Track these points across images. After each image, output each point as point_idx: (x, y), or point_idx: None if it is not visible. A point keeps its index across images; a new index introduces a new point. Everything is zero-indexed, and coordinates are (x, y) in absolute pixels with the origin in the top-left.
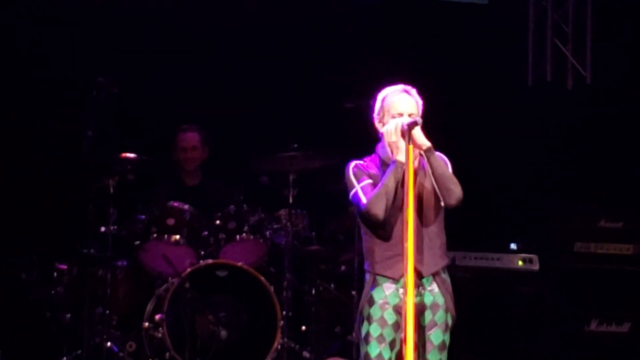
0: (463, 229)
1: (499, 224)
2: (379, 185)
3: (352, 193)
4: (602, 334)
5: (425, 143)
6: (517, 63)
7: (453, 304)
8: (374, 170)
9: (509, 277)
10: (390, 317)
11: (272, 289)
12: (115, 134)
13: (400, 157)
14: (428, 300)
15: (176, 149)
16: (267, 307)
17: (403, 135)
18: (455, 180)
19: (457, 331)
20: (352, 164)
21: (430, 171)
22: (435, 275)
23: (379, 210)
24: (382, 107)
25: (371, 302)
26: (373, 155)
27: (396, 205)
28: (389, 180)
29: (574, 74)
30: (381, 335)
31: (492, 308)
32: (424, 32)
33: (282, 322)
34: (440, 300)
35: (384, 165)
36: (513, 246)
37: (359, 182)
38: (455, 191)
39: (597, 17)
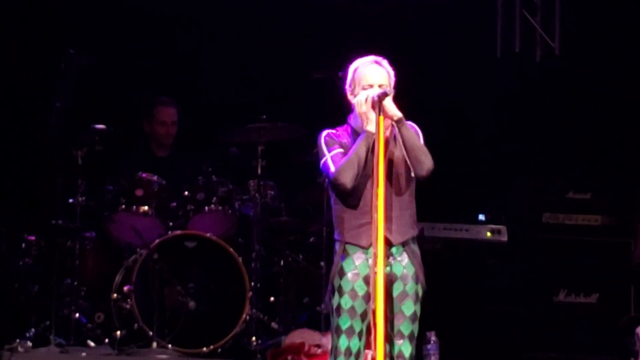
0: (432, 200)
1: (467, 196)
2: (349, 154)
3: (322, 161)
4: (570, 304)
5: (396, 114)
6: (486, 35)
7: (423, 274)
8: (345, 140)
9: (478, 248)
10: (360, 288)
11: (240, 259)
12: (84, 106)
13: (371, 127)
14: (398, 270)
15: (153, 121)
16: (236, 278)
17: (373, 106)
18: (426, 151)
19: (426, 302)
20: (325, 132)
21: (401, 141)
22: (404, 244)
23: (347, 179)
24: (353, 78)
25: (342, 273)
26: (345, 125)
27: (366, 174)
28: (359, 149)
29: (543, 45)
30: (352, 307)
31: (461, 279)
32: (394, 4)
33: (250, 293)
34: (411, 270)
35: (355, 135)
36: (481, 217)
37: (329, 151)
38: (426, 162)
39: None
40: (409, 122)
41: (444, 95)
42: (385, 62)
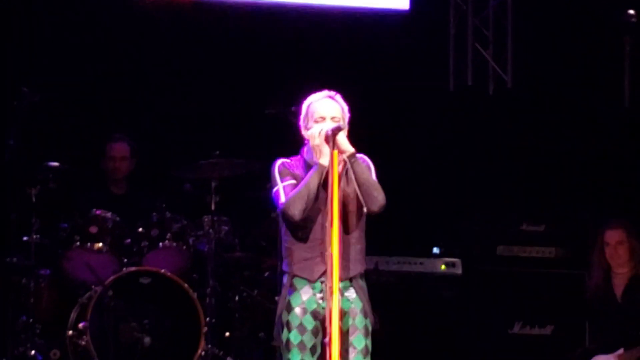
0: (386, 233)
1: (421, 229)
2: (299, 186)
3: (274, 191)
4: (525, 336)
5: (349, 149)
6: (439, 68)
7: (371, 309)
8: (298, 171)
9: (432, 281)
10: (308, 323)
11: (195, 295)
12: (38, 144)
13: (323, 160)
14: (346, 306)
15: (105, 158)
16: (191, 313)
17: (327, 140)
18: (378, 186)
19: (381, 336)
20: (279, 161)
21: (353, 177)
22: (352, 280)
23: (296, 211)
24: (306, 113)
25: (289, 308)
26: (298, 157)
27: (316, 208)
28: (310, 182)
29: (495, 78)
30: (302, 342)
31: (416, 312)
32: (346, 38)
33: (205, 329)
34: (359, 305)
35: (308, 167)
36: (436, 250)
37: (282, 181)
38: (378, 198)
39: (517, 22)
40: (361, 155)
41: (396, 128)
42: (338, 97)
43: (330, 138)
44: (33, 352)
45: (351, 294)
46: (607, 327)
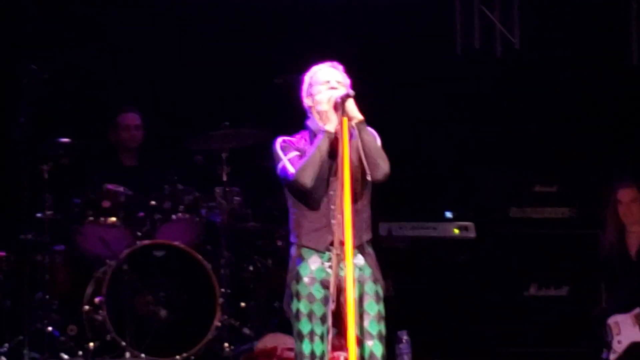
0: (398, 199)
1: (433, 193)
2: (307, 154)
3: (279, 166)
4: (541, 298)
5: (358, 116)
6: (445, 32)
7: (381, 274)
8: (302, 145)
9: (446, 245)
10: (318, 292)
11: (210, 266)
12: (48, 120)
13: (329, 127)
14: (355, 274)
15: (117, 129)
16: (206, 285)
17: (336, 108)
18: (384, 155)
19: (396, 301)
20: (280, 139)
21: (359, 144)
22: (360, 247)
23: (307, 179)
24: (310, 81)
25: (298, 278)
26: (302, 132)
27: (323, 177)
28: (320, 147)
29: (502, 40)
30: (311, 311)
31: (431, 277)
32: (352, 4)
33: (221, 300)
34: (367, 271)
35: (313, 137)
36: (448, 214)
37: (285, 154)
38: (383, 166)
39: None
40: (367, 127)
41: (405, 94)
42: (341, 68)
43: (340, 105)
44: (50, 328)
45: (359, 260)
46: (622, 286)
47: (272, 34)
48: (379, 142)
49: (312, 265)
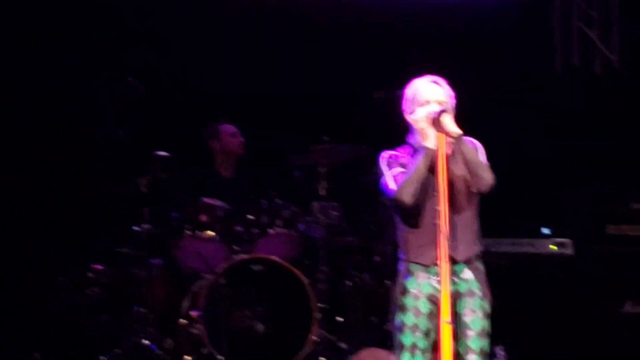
0: (495, 215)
1: (529, 210)
2: (408, 171)
3: (382, 180)
4: (637, 315)
5: (456, 130)
6: (544, 51)
7: (489, 290)
8: (406, 160)
9: (543, 262)
10: (424, 306)
11: (307, 281)
12: (145, 133)
13: (429, 143)
14: (463, 288)
15: (221, 136)
16: (303, 299)
17: (433, 123)
18: (485, 166)
19: (494, 318)
20: (385, 153)
21: (461, 158)
22: (468, 262)
23: (408, 196)
24: (410, 97)
25: (404, 291)
26: (405, 146)
27: (426, 192)
28: (419, 166)
29: (602, 58)
30: (415, 324)
31: (528, 293)
32: (453, 23)
33: (318, 314)
34: (475, 286)
35: (415, 153)
36: (545, 231)
37: (390, 170)
38: (485, 177)
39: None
40: (469, 138)
41: (505, 112)
42: (442, 82)
43: (436, 120)
44: (147, 342)
45: (468, 276)
46: None
47: (372, 47)
48: (482, 155)
49: (420, 280)
